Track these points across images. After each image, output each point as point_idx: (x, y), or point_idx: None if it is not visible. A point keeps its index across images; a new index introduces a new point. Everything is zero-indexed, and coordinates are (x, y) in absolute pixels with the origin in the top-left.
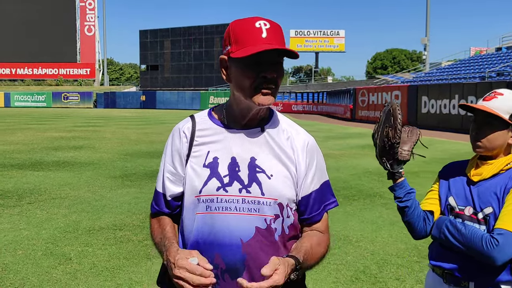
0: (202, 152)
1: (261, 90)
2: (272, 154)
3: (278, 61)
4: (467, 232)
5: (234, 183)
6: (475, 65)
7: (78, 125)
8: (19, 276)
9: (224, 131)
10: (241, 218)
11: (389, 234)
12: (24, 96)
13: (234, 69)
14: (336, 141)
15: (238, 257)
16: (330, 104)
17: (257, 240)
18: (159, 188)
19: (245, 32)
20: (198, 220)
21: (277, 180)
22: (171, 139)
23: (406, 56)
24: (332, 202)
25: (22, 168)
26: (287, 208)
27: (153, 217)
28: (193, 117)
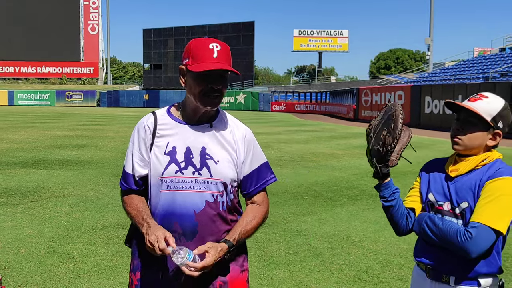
0: (163, 143)
1: (208, 96)
2: (218, 144)
3: (223, 76)
4: (443, 226)
5: (189, 167)
6: (478, 66)
7: (82, 123)
8: (22, 274)
9: (180, 125)
10: (195, 194)
11: (392, 235)
12: (27, 95)
13: (189, 78)
14: (339, 141)
15: (192, 224)
16: (333, 104)
17: (206, 211)
18: (128, 170)
19: (201, 51)
20: (161, 196)
21: (222, 165)
22: (137, 131)
23: (410, 56)
24: (271, 178)
25: (25, 166)
26: (230, 186)
27: (124, 194)
28: (154, 113)
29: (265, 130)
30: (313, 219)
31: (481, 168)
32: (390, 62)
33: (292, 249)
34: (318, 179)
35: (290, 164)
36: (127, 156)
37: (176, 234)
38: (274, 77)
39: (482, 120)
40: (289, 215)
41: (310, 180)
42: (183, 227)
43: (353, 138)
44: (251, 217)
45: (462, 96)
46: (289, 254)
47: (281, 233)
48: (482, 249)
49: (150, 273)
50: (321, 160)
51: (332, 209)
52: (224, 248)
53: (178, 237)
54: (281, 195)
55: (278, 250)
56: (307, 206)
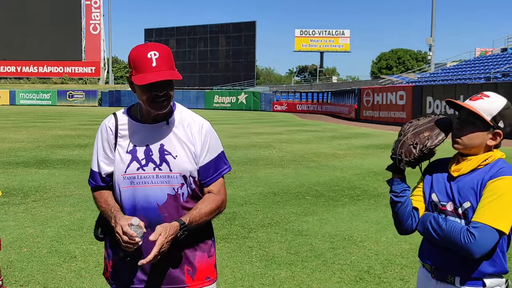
0: (124, 142)
1: (156, 102)
2: (176, 140)
3: (166, 82)
4: (447, 226)
5: (149, 164)
6: (480, 66)
7: (83, 123)
8: (24, 273)
9: (139, 125)
10: (156, 188)
11: (394, 235)
12: (29, 94)
13: (135, 87)
14: (340, 141)
15: (156, 216)
16: (334, 104)
17: (169, 203)
18: (95, 168)
19: (140, 62)
20: (126, 192)
21: (181, 159)
22: (100, 133)
23: (411, 56)
24: (225, 168)
25: (27, 166)
26: (189, 178)
27: (93, 191)
28: (115, 114)
29: (266, 130)
30: (314, 219)
31: (483, 167)
32: (391, 62)
33: (293, 249)
34: (320, 179)
35: (292, 164)
36: (93, 156)
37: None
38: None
39: (482, 120)
40: (290, 215)
41: (311, 180)
42: (149, 219)
43: (354, 138)
44: (206, 203)
45: (463, 96)
46: (290, 254)
47: (282, 233)
48: (485, 250)
49: (119, 261)
50: (322, 160)
51: (334, 209)
52: (174, 225)
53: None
54: (282, 195)
55: (280, 250)
56: (309, 206)
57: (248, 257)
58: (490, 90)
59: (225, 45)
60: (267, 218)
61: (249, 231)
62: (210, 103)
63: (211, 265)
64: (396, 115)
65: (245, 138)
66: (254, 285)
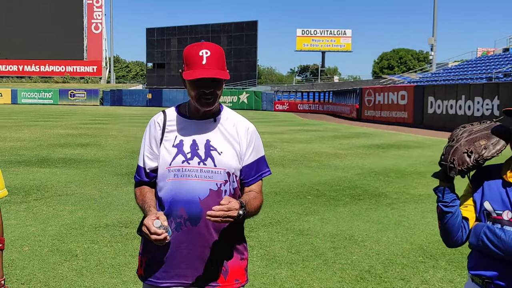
0: (171, 137)
1: (203, 99)
2: (222, 137)
3: (214, 80)
4: (507, 238)
5: (194, 158)
6: (482, 66)
7: (85, 122)
8: (26, 272)
9: (187, 121)
10: (200, 182)
11: (395, 234)
12: (31, 93)
13: (186, 83)
14: (342, 141)
15: (197, 210)
16: (336, 104)
17: (210, 198)
18: (140, 163)
19: (191, 58)
20: (168, 184)
21: (226, 156)
22: (149, 128)
23: (413, 56)
24: (267, 171)
25: (28, 164)
26: (233, 175)
27: (136, 186)
28: (164, 111)
29: (268, 129)
30: (315, 218)
31: None
32: (393, 62)
33: (294, 249)
34: (321, 179)
35: (293, 163)
36: (140, 152)
37: (181, 219)
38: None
39: None
40: (291, 215)
41: (312, 179)
42: (189, 212)
43: (356, 138)
44: (253, 197)
45: (465, 96)
46: (291, 254)
47: (283, 233)
48: None
49: (156, 255)
50: (324, 160)
51: (335, 209)
52: (238, 201)
53: (184, 222)
54: (283, 194)
55: (281, 249)
56: (310, 206)
57: (249, 256)
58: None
59: (227, 45)
60: (268, 217)
61: (250, 230)
62: None
63: (242, 268)
64: (398, 115)
65: None
66: (255, 284)
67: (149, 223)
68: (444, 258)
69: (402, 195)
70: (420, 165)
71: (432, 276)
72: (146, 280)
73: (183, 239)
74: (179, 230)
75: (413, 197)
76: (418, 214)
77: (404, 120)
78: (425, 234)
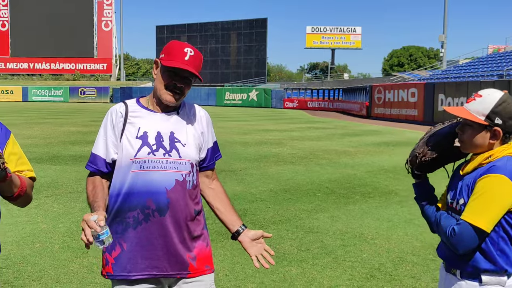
0: (133, 128)
1: (171, 91)
2: (185, 129)
3: (188, 78)
4: (442, 223)
5: (160, 149)
6: (493, 63)
7: (95, 119)
8: (37, 268)
9: (150, 113)
10: (166, 173)
11: (405, 232)
12: (41, 91)
13: (160, 71)
14: (351, 138)
15: (164, 200)
16: (346, 101)
17: (177, 188)
18: (99, 153)
19: (176, 51)
20: (132, 176)
21: (189, 147)
22: (110, 117)
23: (423, 54)
24: (219, 154)
25: (39, 162)
26: (195, 166)
27: (90, 176)
28: (125, 102)
29: (277, 127)
30: (325, 216)
31: (485, 166)
32: (403, 59)
33: (304, 246)
34: (331, 176)
35: (303, 161)
36: (97, 141)
37: (149, 210)
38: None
39: (475, 121)
40: (301, 212)
41: (322, 177)
42: (157, 203)
43: (365, 135)
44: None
45: None
46: (301, 251)
47: (293, 230)
48: (467, 246)
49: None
50: (333, 157)
51: (345, 207)
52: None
53: (152, 213)
54: (293, 192)
55: (291, 247)
56: (320, 203)
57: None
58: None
59: (236, 42)
60: (278, 215)
61: (260, 228)
62: (221, 100)
63: (209, 255)
64: (408, 112)
65: (256, 135)
66: (264, 282)
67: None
68: None
69: (412, 193)
70: None
71: None
72: (116, 275)
73: (152, 230)
74: (148, 221)
75: None
76: None
77: (414, 118)
78: None
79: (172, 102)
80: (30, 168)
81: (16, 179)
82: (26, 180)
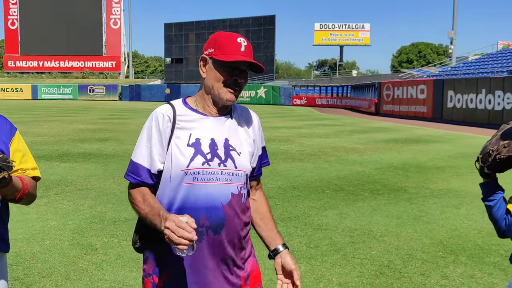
0: (184, 134)
1: (230, 88)
2: (239, 136)
3: (245, 71)
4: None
5: (214, 159)
6: (502, 59)
7: (104, 117)
8: (47, 265)
9: (201, 117)
10: (221, 186)
11: (414, 229)
12: (51, 89)
13: (213, 68)
14: (360, 135)
15: (219, 216)
16: (354, 98)
17: (232, 203)
18: (143, 163)
19: (228, 43)
20: (184, 189)
21: (244, 156)
22: (155, 121)
23: (432, 50)
24: (267, 161)
25: (49, 159)
26: (248, 177)
27: (133, 187)
28: (171, 104)
29: (285, 124)
30: (334, 213)
31: None
32: (412, 56)
33: (313, 243)
34: (339, 173)
35: (311, 158)
36: (140, 148)
37: (203, 228)
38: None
39: None
40: (310, 209)
41: (331, 174)
42: (211, 220)
43: (374, 132)
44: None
45: (485, 90)
46: (310, 248)
47: (302, 227)
48: None
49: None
50: (342, 154)
51: (354, 204)
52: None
53: (205, 231)
54: (302, 189)
55: (299, 244)
56: (328, 200)
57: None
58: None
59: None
60: (287, 212)
61: None
62: None
63: (259, 270)
64: (417, 109)
65: (265, 132)
66: (273, 279)
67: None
68: (465, 253)
69: (421, 189)
70: (440, 159)
71: (452, 272)
72: None
73: (205, 250)
74: (202, 240)
75: (432, 192)
76: (438, 209)
77: (423, 115)
78: (445, 229)
79: (232, 100)
80: (35, 166)
81: (18, 183)
82: (29, 182)
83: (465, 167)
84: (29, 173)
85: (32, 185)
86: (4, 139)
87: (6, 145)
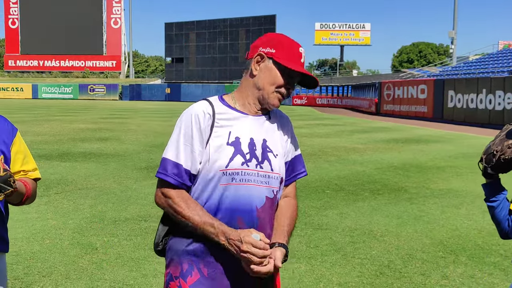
0: (223, 132)
1: (280, 94)
2: (276, 137)
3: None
4: None
5: (252, 160)
6: (503, 59)
7: (104, 117)
8: (47, 264)
9: (240, 115)
10: (257, 188)
11: (414, 229)
12: (51, 88)
13: (270, 69)
14: (360, 135)
15: (253, 220)
16: (355, 98)
17: (265, 207)
18: (183, 163)
19: (292, 50)
20: (221, 190)
21: (280, 159)
22: (195, 119)
23: (433, 50)
24: (303, 171)
25: (49, 158)
26: (283, 182)
27: (169, 189)
28: (208, 100)
29: None
30: (334, 213)
31: None
32: (412, 56)
33: (313, 243)
34: (340, 173)
35: (311, 158)
36: (178, 147)
37: None
38: None
39: None
40: (310, 209)
41: (331, 174)
42: (247, 223)
43: (374, 132)
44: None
45: (486, 90)
46: (310, 248)
47: (302, 227)
48: None
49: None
50: (342, 154)
51: (354, 203)
52: (283, 252)
53: None
54: (302, 188)
55: (299, 244)
56: (329, 200)
57: None
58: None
59: (245, 39)
60: None
61: None
62: None
63: (279, 278)
64: (417, 109)
65: None
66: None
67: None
68: (465, 254)
69: (422, 189)
70: (440, 159)
71: (452, 272)
72: None
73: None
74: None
75: (432, 192)
76: (438, 209)
77: (423, 115)
78: (445, 229)
79: (277, 106)
80: (35, 166)
81: (22, 188)
82: (31, 184)
83: (466, 167)
84: (30, 175)
85: (33, 187)
86: (5, 140)
87: (7, 146)
